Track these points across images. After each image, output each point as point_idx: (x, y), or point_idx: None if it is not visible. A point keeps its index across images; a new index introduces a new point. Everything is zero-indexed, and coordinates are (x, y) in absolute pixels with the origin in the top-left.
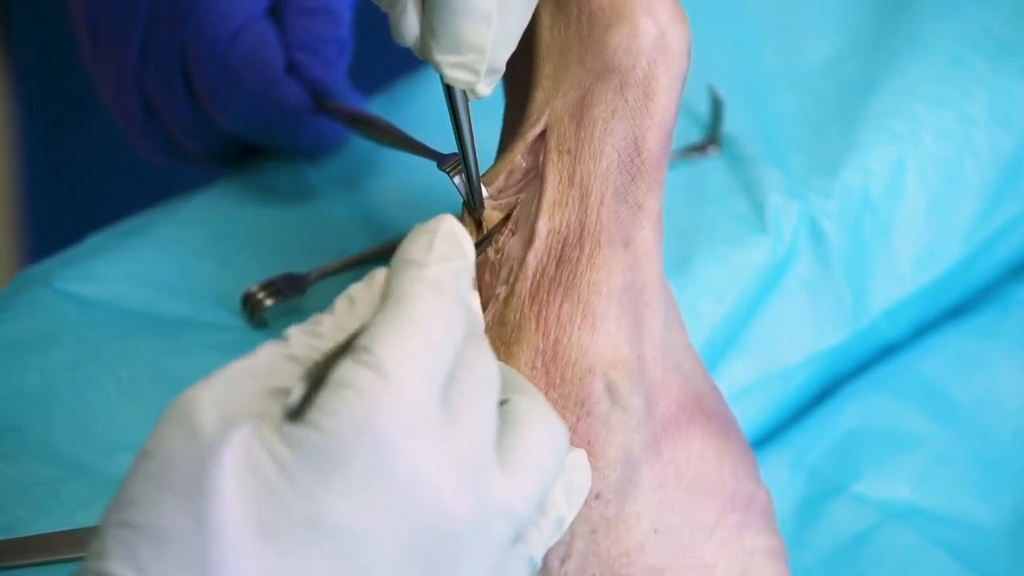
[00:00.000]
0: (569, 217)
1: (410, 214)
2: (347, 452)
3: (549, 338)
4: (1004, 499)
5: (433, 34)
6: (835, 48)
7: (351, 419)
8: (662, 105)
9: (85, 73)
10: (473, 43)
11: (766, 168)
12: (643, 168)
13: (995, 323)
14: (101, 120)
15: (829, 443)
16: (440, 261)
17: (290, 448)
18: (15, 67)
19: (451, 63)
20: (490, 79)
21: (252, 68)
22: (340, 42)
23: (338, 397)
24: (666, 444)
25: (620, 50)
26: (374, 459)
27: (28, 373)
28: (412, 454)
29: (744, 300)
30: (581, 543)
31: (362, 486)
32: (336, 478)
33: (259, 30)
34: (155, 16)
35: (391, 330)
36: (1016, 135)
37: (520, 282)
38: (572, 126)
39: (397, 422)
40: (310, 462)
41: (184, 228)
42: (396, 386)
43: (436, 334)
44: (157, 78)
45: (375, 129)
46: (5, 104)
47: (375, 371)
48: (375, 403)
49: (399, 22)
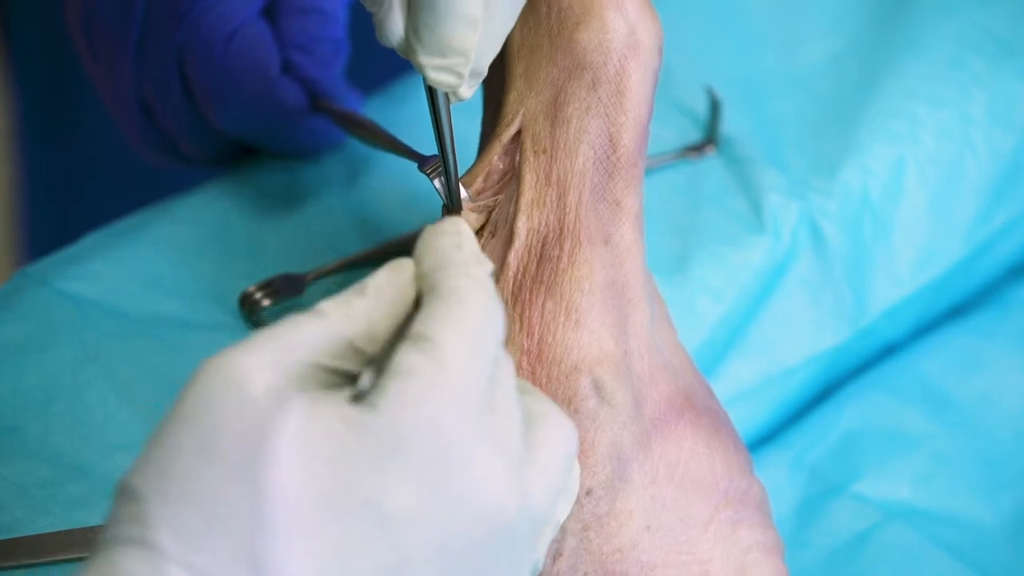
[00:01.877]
0: (548, 216)
1: (408, 215)
2: (407, 437)
3: (534, 337)
4: (1004, 499)
5: (418, 36)
6: (834, 48)
7: (412, 405)
8: (635, 101)
9: (84, 73)
10: (458, 47)
11: (765, 168)
12: (619, 165)
13: (995, 323)
14: (100, 119)
15: (829, 443)
16: (476, 261)
17: (349, 428)
18: (14, 67)
19: (435, 65)
20: (473, 82)
21: (248, 69)
22: (335, 42)
23: (401, 382)
24: (656, 440)
25: (591, 47)
26: (433, 446)
27: (26, 373)
28: (468, 443)
29: (743, 300)
30: (573, 540)
31: (420, 473)
32: (396, 463)
33: (255, 31)
34: (151, 19)
35: (448, 321)
36: (1016, 135)
37: (502, 283)
38: (547, 125)
39: (455, 410)
40: (370, 445)
41: (182, 228)
42: (454, 375)
43: (486, 327)
44: (154, 81)
45: (364, 130)
46: (4, 103)
47: (435, 359)
48: (436, 391)
49: (383, 23)
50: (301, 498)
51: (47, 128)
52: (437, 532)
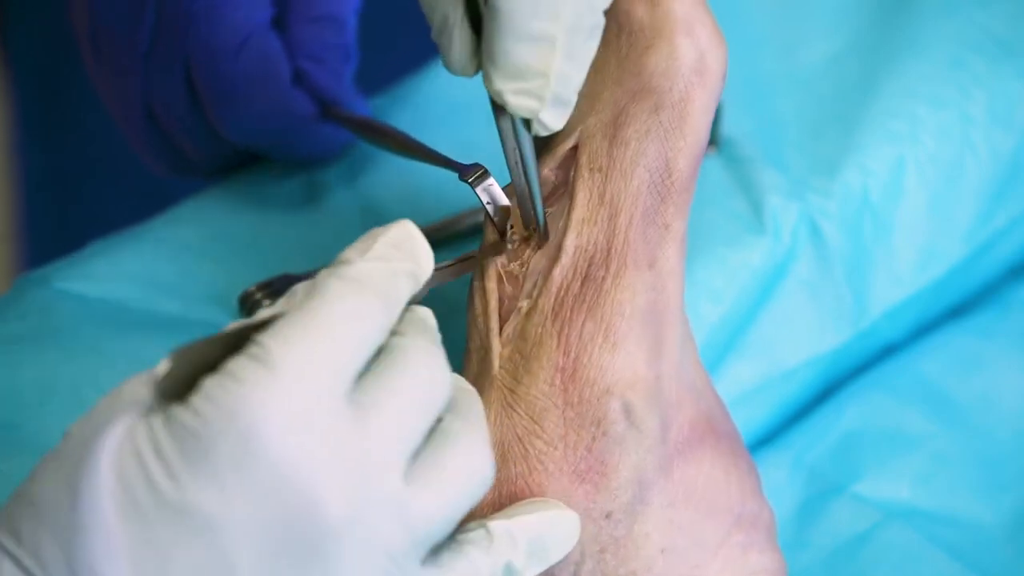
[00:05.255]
0: (597, 236)
1: (410, 215)
2: (215, 439)
3: (570, 356)
4: (1004, 499)
5: (493, 60)
6: (834, 48)
7: (224, 407)
8: (695, 127)
9: (83, 77)
10: (536, 67)
11: (765, 169)
12: (673, 189)
13: (995, 323)
14: (98, 120)
15: (829, 444)
16: (373, 260)
17: (168, 431)
18: (13, 68)
19: (514, 90)
20: (558, 111)
21: (260, 79)
22: (346, 49)
23: (219, 384)
24: (678, 464)
25: (658, 72)
26: (240, 448)
27: (25, 369)
28: (281, 446)
29: (744, 301)
30: (591, 563)
31: (228, 475)
32: (204, 465)
33: (265, 41)
34: (160, 28)
35: (290, 324)
36: (1016, 135)
37: (544, 297)
38: (604, 144)
39: (271, 413)
40: (183, 447)
41: (183, 228)
42: (281, 379)
43: (343, 330)
44: (161, 89)
45: (388, 139)
46: (3, 105)
47: (262, 363)
48: (252, 393)
49: (449, 51)
50: (114, 503)
51: (45, 129)
52: (254, 535)
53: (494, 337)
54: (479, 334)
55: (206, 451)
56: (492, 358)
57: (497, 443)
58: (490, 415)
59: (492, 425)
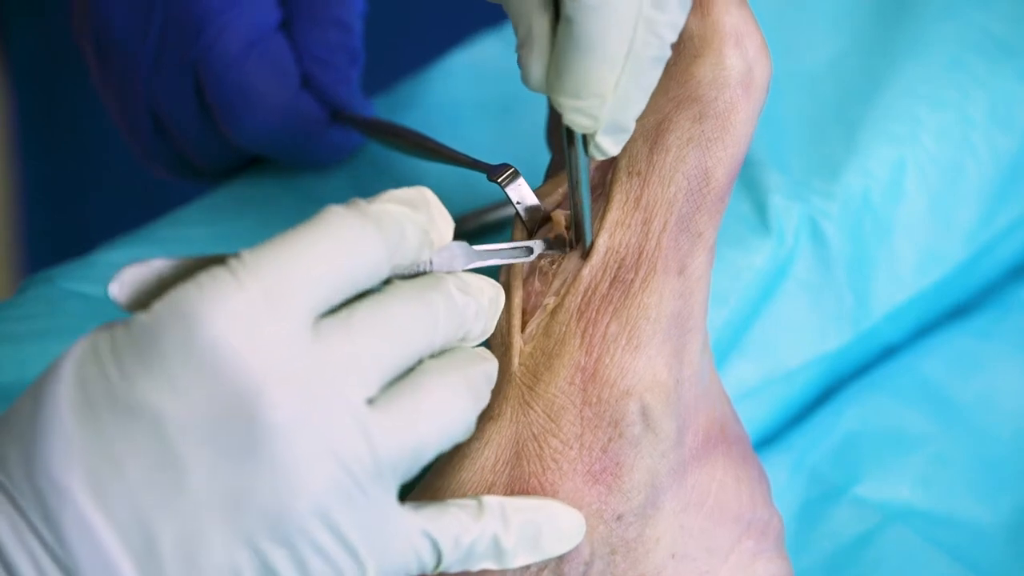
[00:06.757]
0: (629, 239)
1: None
2: (163, 336)
3: (592, 355)
4: (1004, 499)
5: (557, 75)
6: (835, 50)
7: (178, 308)
8: (737, 139)
9: (84, 83)
10: (594, 88)
11: (767, 170)
12: (708, 198)
13: (995, 324)
14: (97, 125)
15: (829, 445)
16: (385, 203)
17: (126, 332)
18: (12, 73)
19: (571, 107)
20: (616, 136)
21: (268, 83)
22: (353, 52)
23: (181, 289)
24: (692, 470)
25: (705, 81)
26: (185, 346)
27: (32, 366)
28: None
29: (746, 302)
30: (600, 564)
31: (176, 372)
32: (153, 363)
33: (274, 45)
34: (167, 34)
35: (279, 241)
36: (1016, 136)
37: (571, 296)
38: (645, 149)
39: (220, 313)
40: (138, 346)
41: (187, 229)
42: (246, 291)
43: (330, 258)
44: (168, 95)
45: (404, 140)
46: (2, 109)
47: (232, 274)
48: (208, 297)
49: (527, 64)
50: (70, 404)
51: (45, 134)
52: (201, 432)
53: (515, 334)
54: (500, 331)
55: (155, 348)
56: (512, 355)
57: (512, 441)
58: (506, 412)
59: (508, 422)
